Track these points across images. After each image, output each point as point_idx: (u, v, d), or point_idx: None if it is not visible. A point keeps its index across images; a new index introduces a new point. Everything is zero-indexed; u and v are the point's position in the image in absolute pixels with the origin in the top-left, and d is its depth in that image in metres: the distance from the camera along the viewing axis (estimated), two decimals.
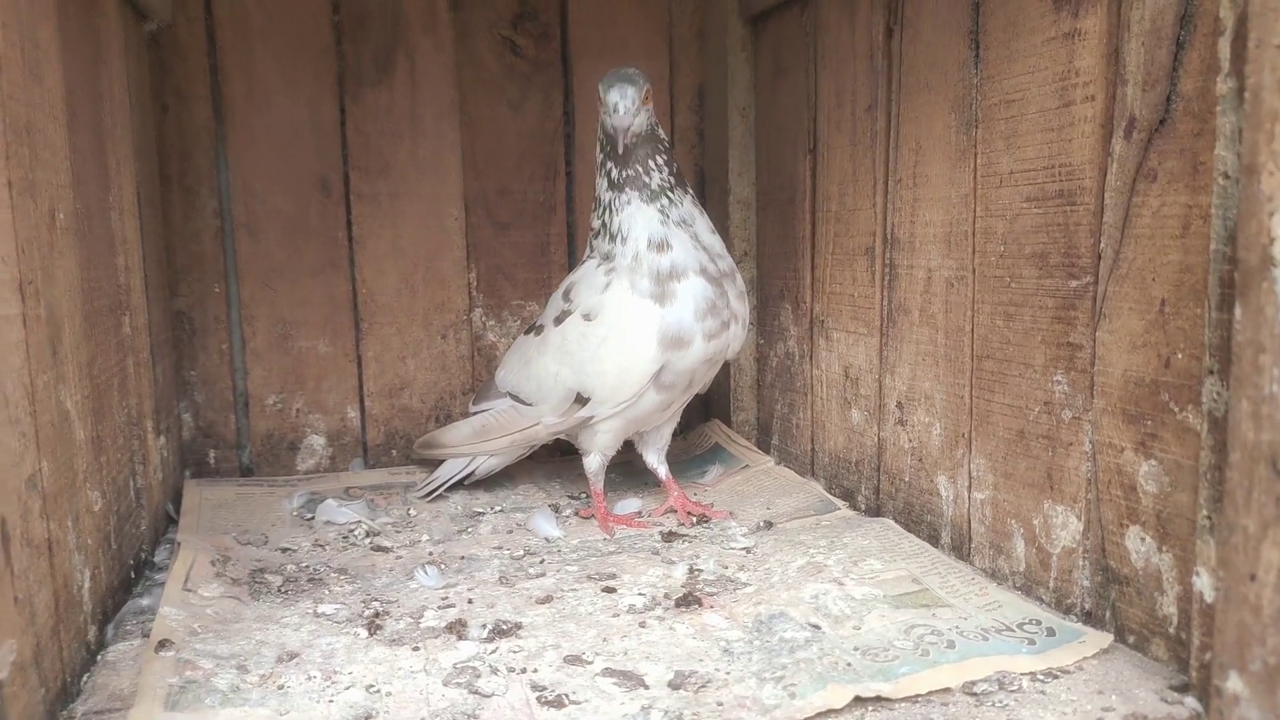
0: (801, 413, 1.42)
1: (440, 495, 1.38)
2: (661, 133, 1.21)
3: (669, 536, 1.18)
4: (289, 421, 1.52)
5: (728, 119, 1.54)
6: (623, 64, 1.56)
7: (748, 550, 1.11)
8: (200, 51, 1.42)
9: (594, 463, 1.28)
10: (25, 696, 0.70)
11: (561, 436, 1.33)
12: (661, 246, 1.16)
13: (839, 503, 1.26)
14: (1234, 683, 0.61)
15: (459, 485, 1.40)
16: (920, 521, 1.13)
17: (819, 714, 0.74)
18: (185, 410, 1.48)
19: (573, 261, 1.60)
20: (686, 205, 1.20)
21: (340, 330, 1.52)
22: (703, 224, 1.21)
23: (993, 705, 0.75)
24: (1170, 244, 0.79)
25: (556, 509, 1.32)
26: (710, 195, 1.63)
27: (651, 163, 1.18)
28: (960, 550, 1.06)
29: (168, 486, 1.33)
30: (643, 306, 1.16)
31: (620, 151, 1.16)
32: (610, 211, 1.20)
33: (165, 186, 1.42)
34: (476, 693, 0.79)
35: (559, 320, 1.25)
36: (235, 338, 1.49)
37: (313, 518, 1.30)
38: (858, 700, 0.75)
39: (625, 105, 1.13)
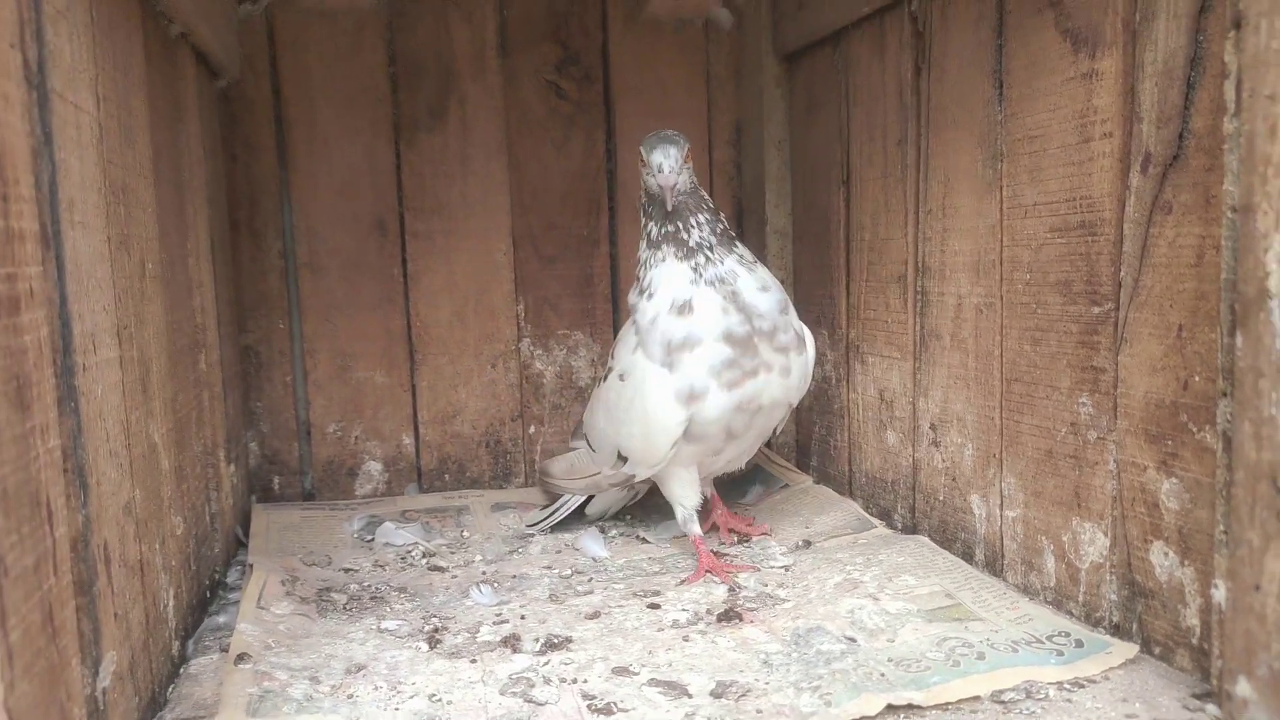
0: (839, 435, 1.46)
1: (497, 519, 1.45)
2: (704, 193, 1.23)
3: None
4: (348, 449, 1.59)
5: (764, 153, 1.60)
6: (662, 102, 1.63)
7: (787, 568, 1.15)
8: (266, 105, 1.51)
9: (679, 514, 1.25)
10: (123, 704, 0.77)
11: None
12: (683, 309, 1.15)
13: (876, 521, 1.30)
14: (1243, 687, 0.65)
15: (568, 523, 1.40)
16: (955, 539, 1.17)
17: None
18: (252, 439, 1.56)
19: (616, 293, 1.66)
20: (729, 264, 1.17)
21: (396, 361, 1.60)
22: (749, 282, 1.17)
23: (1020, 713, 0.79)
24: (1185, 273, 0.82)
25: (603, 530, 1.38)
26: (748, 226, 1.68)
27: (693, 219, 1.18)
28: (993, 567, 1.10)
29: (237, 511, 1.41)
30: (656, 372, 1.16)
31: (669, 209, 1.17)
32: (645, 268, 1.21)
33: (234, 230, 1.51)
34: (531, 701, 0.84)
35: (605, 377, 1.28)
36: (298, 370, 1.57)
37: (372, 539, 1.37)
38: (890, 708, 0.79)
39: (669, 165, 1.14)
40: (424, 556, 1.30)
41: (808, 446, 1.58)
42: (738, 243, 1.22)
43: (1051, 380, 1.00)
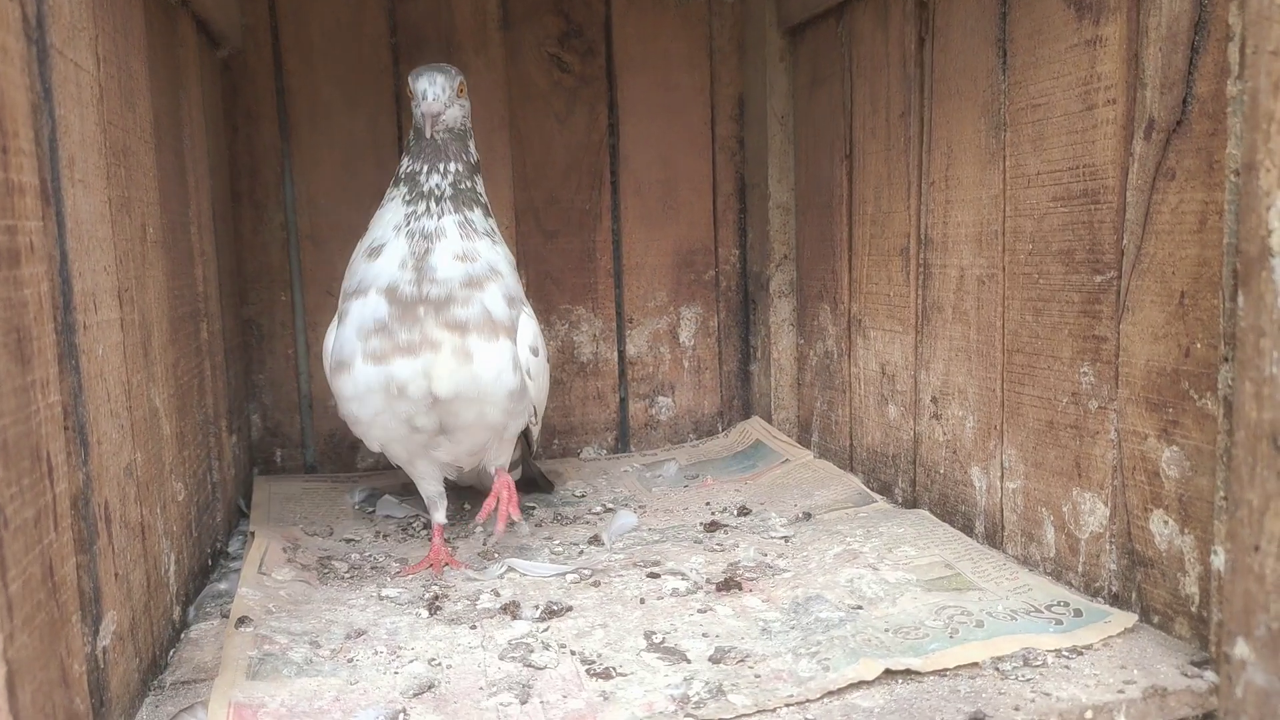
0: (840, 409, 1.46)
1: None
2: (472, 145, 1.13)
3: (711, 527, 1.23)
4: None
5: (767, 127, 1.59)
6: (664, 76, 1.63)
7: (786, 539, 1.16)
8: (267, 75, 1.51)
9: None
10: (124, 664, 0.78)
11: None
12: (372, 253, 1.07)
13: (876, 496, 1.30)
14: (1241, 649, 0.65)
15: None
16: (955, 512, 1.17)
17: (850, 685, 0.78)
18: (254, 412, 1.56)
19: (619, 268, 1.66)
20: (445, 221, 1.06)
21: None
22: (450, 245, 1.05)
23: (1018, 679, 0.79)
24: (1188, 239, 0.82)
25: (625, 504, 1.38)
26: (750, 200, 1.68)
27: (441, 165, 1.08)
28: (994, 539, 1.10)
29: (239, 482, 1.42)
30: (334, 321, 1.12)
31: (428, 137, 1.07)
32: (379, 206, 1.12)
33: (236, 201, 1.51)
34: (530, 665, 0.84)
35: None
36: (300, 343, 1.57)
37: (374, 511, 1.37)
38: (888, 673, 0.79)
39: (434, 92, 1.06)
40: (425, 528, 1.30)
41: (809, 422, 1.58)
42: (479, 208, 1.11)
43: (1053, 350, 0.99)
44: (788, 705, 0.76)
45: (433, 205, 1.07)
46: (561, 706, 0.76)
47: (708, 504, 1.35)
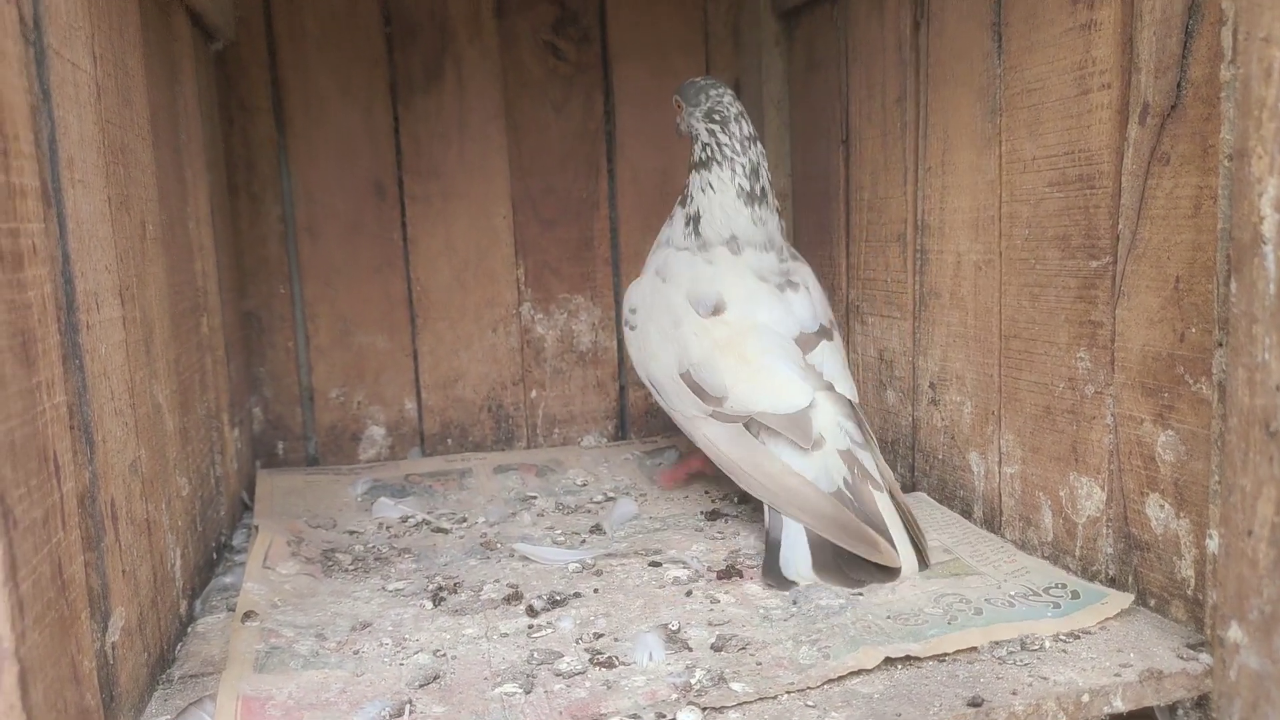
0: None
1: (499, 481, 1.44)
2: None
3: (711, 515, 1.24)
4: (351, 414, 1.60)
5: (763, 113, 1.59)
6: (660, 62, 1.62)
7: None
8: (262, 67, 1.50)
9: None
10: (132, 659, 0.78)
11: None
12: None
13: None
14: (1235, 632, 0.66)
15: None
16: (954, 497, 1.18)
17: (851, 672, 0.79)
18: (255, 405, 1.57)
19: (616, 256, 1.66)
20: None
21: (397, 326, 1.60)
22: None
23: (1015, 664, 0.80)
24: (1183, 224, 0.82)
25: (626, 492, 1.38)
26: None
27: None
28: (992, 524, 1.11)
29: (242, 475, 1.42)
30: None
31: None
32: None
33: (233, 194, 1.51)
34: (534, 655, 0.85)
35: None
36: (300, 335, 1.57)
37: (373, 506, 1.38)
38: (888, 660, 0.80)
39: None
40: (423, 522, 1.31)
41: None
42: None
43: (1050, 336, 1.00)
44: (788, 693, 0.77)
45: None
46: (565, 695, 0.77)
47: (707, 492, 1.36)
